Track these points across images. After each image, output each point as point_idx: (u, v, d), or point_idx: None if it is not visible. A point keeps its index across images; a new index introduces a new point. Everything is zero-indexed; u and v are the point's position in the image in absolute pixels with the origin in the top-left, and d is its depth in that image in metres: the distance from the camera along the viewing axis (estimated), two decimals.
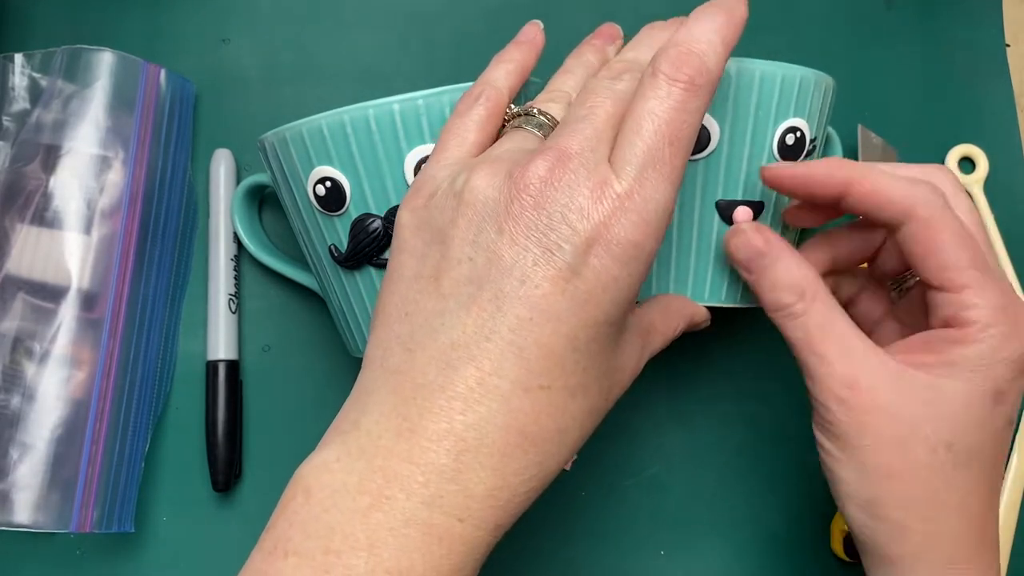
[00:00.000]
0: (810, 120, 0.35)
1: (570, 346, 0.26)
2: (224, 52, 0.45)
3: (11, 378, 0.37)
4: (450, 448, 0.25)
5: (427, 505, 0.24)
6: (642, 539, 0.42)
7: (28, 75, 0.41)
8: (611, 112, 0.27)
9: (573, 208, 0.25)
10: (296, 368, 0.43)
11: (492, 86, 0.31)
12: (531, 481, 0.26)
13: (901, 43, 0.47)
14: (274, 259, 0.42)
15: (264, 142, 0.36)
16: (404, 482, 0.25)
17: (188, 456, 0.42)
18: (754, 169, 0.35)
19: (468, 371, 0.25)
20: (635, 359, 0.30)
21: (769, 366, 0.44)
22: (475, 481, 0.25)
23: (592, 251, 0.25)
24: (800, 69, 0.35)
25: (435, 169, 0.29)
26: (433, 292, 0.27)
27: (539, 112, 0.30)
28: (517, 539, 0.42)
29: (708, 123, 0.33)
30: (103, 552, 0.41)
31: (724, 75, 0.33)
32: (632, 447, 0.43)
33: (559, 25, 0.46)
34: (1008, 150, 0.47)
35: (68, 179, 0.39)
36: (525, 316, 0.25)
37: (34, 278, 0.38)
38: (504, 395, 0.25)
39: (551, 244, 0.25)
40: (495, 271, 0.26)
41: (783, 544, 0.43)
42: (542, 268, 0.25)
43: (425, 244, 0.28)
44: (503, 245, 0.26)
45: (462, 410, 0.25)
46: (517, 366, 0.25)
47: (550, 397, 0.26)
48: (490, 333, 0.25)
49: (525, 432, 0.26)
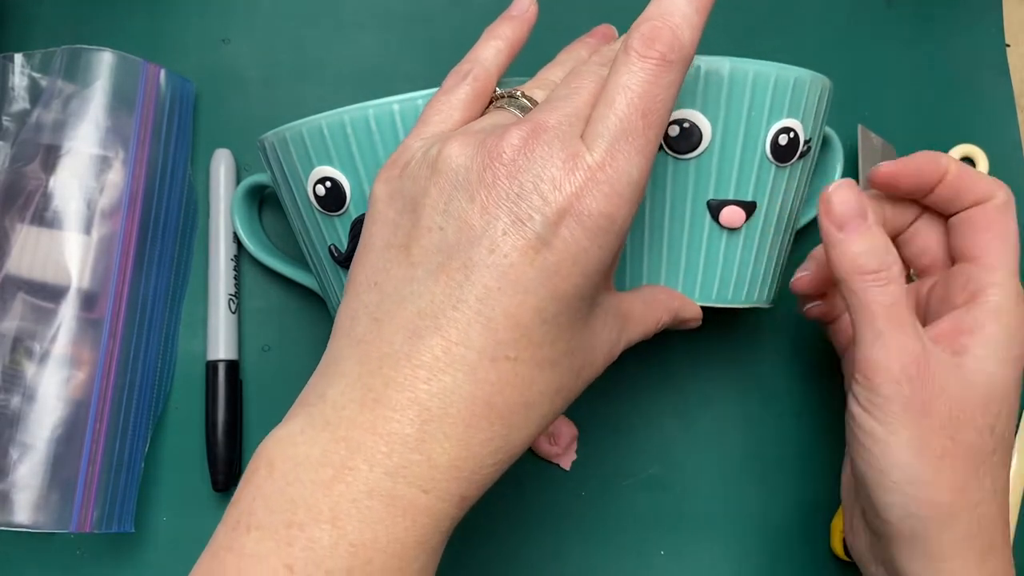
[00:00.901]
0: (804, 121, 0.35)
1: (538, 318, 0.26)
2: (224, 52, 0.45)
3: (11, 378, 0.37)
4: (414, 418, 0.25)
5: (390, 476, 0.24)
6: (642, 539, 0.42)
7: (28, 75, 0.41)
8: (594, 92, 0.27)
9: (545, 179, 0.25)
10: (296, 368, 0.43)
11: (481, 65, 0.31)
12: (497, 453, 0.26)
13: (901, 43, 0.47)
14: (274, 259, 0.42)
15: (264, 142, 0.36)
16: (367, 453, 0.24)
17: (188, 456, 0.42)
18: (747, 169, 0.34)
19: (434, 340, 0.25)
20: (609, 342, 0.30)
21: (770, 366, 0.44)
22: (439, 451, 0.25)
23: (563, 222, 0.25)
24: (795, 70, 0.34)
25: (414, 141, 0.29)
26: (403, 260, 0.27)
27: (523, 95, 0.30)
28: (517, 539, 0.42)
29: (700, 122, 0.33)
30: (103, 552, 0.41)
31: (716, 75, 0.33)
32: (632, 447, 0.43)
33: (559, 26, 0.46)
34: (1008, 150, 0.47)
35: (68, 179, 0.39)
36: (493, 286, 0.25)
37: (34, 278, 0.38)
38: (470, 365, 0.25)
39: (521, 214, 0.25)
40: (464, 239, 0.26)
41: (783, 544, 0.43)
42: (511, 237, 0.25)
43: (397, 213, 0.28)
44: (474, 213, 0.26)
45: (426, 379, 0.25)
46: (484, 336, 0.25)
47: (516, 369, 0.26)
48: (457, 302, 0.25)
49: (491, 403, 0.25)
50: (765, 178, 0.35)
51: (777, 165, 0.35)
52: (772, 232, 0.36)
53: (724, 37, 0.46)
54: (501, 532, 0.42)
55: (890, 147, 0.45)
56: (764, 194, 0.35)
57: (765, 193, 0.35)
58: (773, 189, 0.35)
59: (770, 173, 0.35)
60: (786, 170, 0.35)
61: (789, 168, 0.35)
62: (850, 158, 0.45)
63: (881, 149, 0.45)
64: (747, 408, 0.44)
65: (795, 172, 0.36)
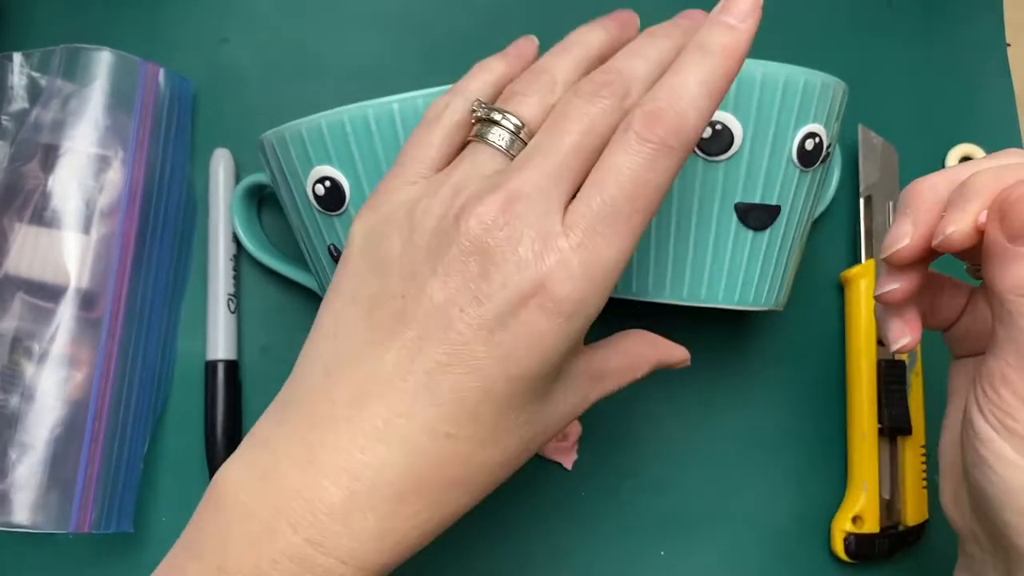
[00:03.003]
0: (827, 126, 0.35)
1: (486, 397, 0.25)
2: (223, 51, 0.45)
3: (10, 378, 0.37)
4: (344, 486, 0.25)
5: (311, 543, 0.25)
6: (642, 539, 0.42)
7: (27, 74, 0.41)
8: (577, 142, 0.26)
9: (512, 260, 0.25)
10: None
11: (463, 97, 0.30)
12: (423, 526, 0.26)
13: (901, 43, 0.47)
14: (273, 259, 0.42)
15: (263, 142, 0.36)
16: (292, 517, 0.25)
17: (187, 456, 0.42)
18: (773, 173, 0.34)
19: (378, 408, 0.25)
20: (571, 406, 0.29)
21: (770, 366, 0.44)
22: (362, 524, 0.25)
23: (525, 305, 0.25)
24: (820, 75, 0.34)
25: (394, 186, 0.28)
26: (364, 319, 0.27)
27: (506, 117, 0.28)
28: (517, 538, 0.42)
29: (732, 124, 0.33)
30: (102, 552, 0.41)
31: (749, 78, 0.33)
32: (632, 447, 0.43)
33: (559, 26, 0.46)
34: None
35: (67, 178, 0.39)
36: (444, 361, 0.25)
37: (33, 278, 0.38)
38: (409, 438, 0.25)
39: (481, 293, 0.25)
40: (423, 311, 0.25)
41: (783, 544, 0.43)
42: (468, 316, 0.25)
43: (368, 268, 0.27)
44: (435, 287, 0.25)
45: (363, 447, 0.25)
46: (426, 410, 0.25)
47: (456, 446, 0.26)
48: (407, 373, 0.25)
49: (423, 478, 0.25)
50: (790, 182, 0.35)
51: (801, 169, 0.35)
52: (792, 236, 0.36)
53: None
54: (501, 531, 0.42)
55: (890, 147, 0.45)
56: (788, 198, 0.35)
57: (789, 197, 0.35)
58: (796, 194, 0.35)
59: (794, 177, 0.35)
60: (808, 175, 0.35)
61: (811, 172, 0.35)
62: (850, 158, 0.45)
63: (881, 149, 0.45)
64: (748, 408, 0.44)
65: (816, 176, 0.36)
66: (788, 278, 0.38)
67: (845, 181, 0.45)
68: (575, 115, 0.27)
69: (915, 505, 0.42)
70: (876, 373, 0.43)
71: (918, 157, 0.46)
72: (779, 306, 0.38)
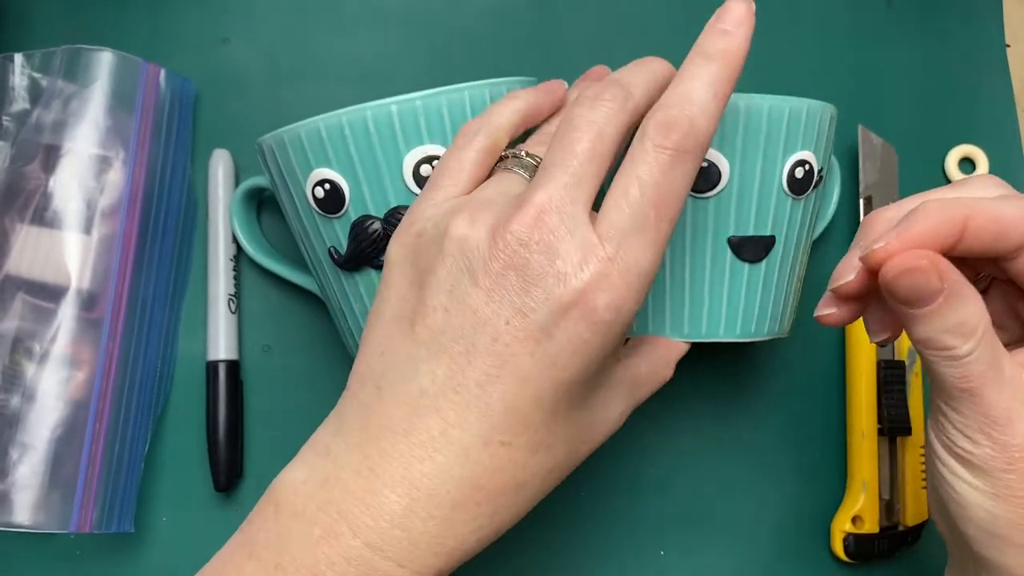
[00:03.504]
0: (817, 151, 0.35)
1: (535, 405, 0.26)
2: (224, 52, 0.45)
3: (11, 378, 0.37)
4: (403, 494, 0.26)
5: (370, 547, 0.25)
6: (642, 539, 0.42)
7: (28, 75, 0.41)
8: (589, 148, 0.27)
9: (551, 272, 0.26)
10: (296, 368, 0.43)
11: (492, 124, 0.31)
12: (479, 532, 0.27)
13: (901, 43, 0.47)
14: (274, 262, 0.42)
15: (262, 145, 0.36)
16: (353, 521, 0.26)
17: (188, 456, 0.42)
18: (765, 204, 0.34)
19: (432, 420, 0.26)
20: (616, 413, 0.30)
21: (772, 367, 0.44)
22: (421, 529, 0.26)
23: (567, 315, 0.26)
24: (805, 101, 0.34)
25: (426, 206, 0.29)
26: (409, 335, 0.27)
27: (527, 155, 0.30)
28: (516, 539, 0.42)
29: (718, 160, 0.33)
30: (103, 552, 0.41)
31: (732, 111, 0.33)
32: (632, 447, 0.43)
33: (561, 28, 0.46)
34: (1008, 150, 0.47)
35: (68, 179, 0.39)
36: (493, 373, 0.26)
37: (34, 278, 0.38)
38: (464, 447, 0.26)
39: (524, 306, 0.26)
40: (468, 324, 0.26)
41: (783, 544, 0.43)
42: (513, 328, 0.26)
43: (408, 285, 0.28)
44: (479, 300, 0.26)
45: (421, 458, 0.26)
46: (480, 421, 0.26)
47: (510, 453, 0.26)
48: (458, 386, 0.26)
49: (480, 485, 0.26)
50: (783, 212, 0.35)
51: (793, 198, 0.35)
52: (790, 264, 0.36)
53: None
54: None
55: (890, 147, 0.45)
56: (782, 228, 0.35)
57: (783, 227, 0.35)
58: (790, 222, 0.35)
59: (787, 206, 0.35)
60: (801, 202, 0.35)
61: (804, 200, 0.35)
62: (850, 158, 0.45)
63: (881, 149, 0.45)
64: (748, 409, 0.44)
65: (809, 203, 0.36)
66: (791, 303, 0.38)
67: (845, 181, 0.45)
68: (581, 123, 0.28)
69: (915, 505, 0.42)
70: (876, 373, 0.43)
71: (918, 158, 0.46)
72: (783, 333, 0.38)
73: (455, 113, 0.33)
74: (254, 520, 0.27)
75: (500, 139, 0.31)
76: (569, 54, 0.46)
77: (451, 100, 0.33)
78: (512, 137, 0.31)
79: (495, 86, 0.34)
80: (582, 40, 0.46)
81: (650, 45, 0.46)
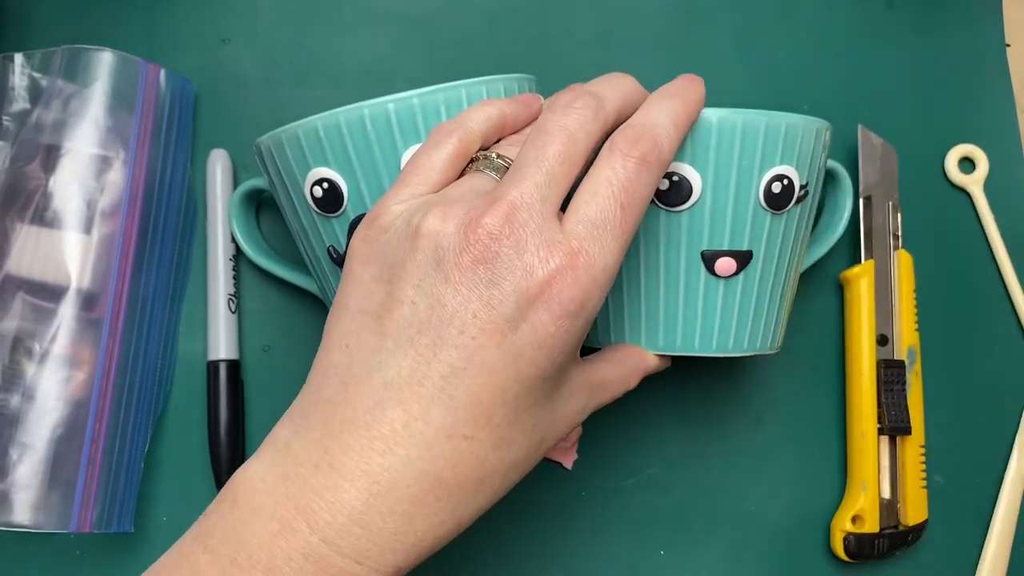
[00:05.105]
0: (799, 166, 0.35)
1: (500, 399, 0.27)
2: (224, 52, 0.45)
3: (11, 378, 0.37)
4: (363, 489, 0.26)
5: (327, 543, 0.25)
6: (642, 539, 0.42)
7: (28, 75, 0.41)
8: (560, 151, 0.28)
9: (519, 265, 0.26)
10: (296, 368, 0.43)
11: (466, 127, 0.31)
12: (439, 528, 0.27)
13: (901, 43, 0.47)
14: (273, 263, 0.42)
15: (260, 145, 0.36)
16: (311, 517, 0.25)
17: (188, 456, 0.42)
18: (740, 218, 0.34)
19: (396, 413, 0.26)
20: (574, 413, 0.31)
21: (771, 366, 0.44)
22: (380, 525, 0.26)
23: (532, 307, 0.26)
24: (786, 116, 0.34)
25: (393, 203, 0.29)
26: (374, 329, 0.27)
27: (497, 156, 0.30)
28: (517, 538, 0.42)
29: (689, 174, 0.33)
30: (103, 552, 0.41)
31: (705, 126, 0.33)
32: (632, 447, 0.43)
33: (559, 26, 0.46)
34: (1008, 150, 0.47)
35: (68, 179, 0.39)
36: (459, 365, 0.26)
37: (34, 278, 0.38)
38: (427, 441, 0.26)
39: (492, 298, 0.26)
40: (436, 318, 0.26)
41: (783, 544, 0.43)
42: (480, 320, 0.26)
43: (373, 278, 0.28)
44: (447, 294, 0.26)
45: (382, 451, 0.26)
46: (444, 413, 0.26)
47: (472, 447, 0.27)
48: (423, 378, 0.26)
49: (440, 479, 0.26)
50: (760, 226, 0.35)
51: (772, 213, 0.35)
52: (772, 279, 0.36)
53: (725, 38, 0.46)
54: (502, 531, 0.42)
55: (890, 147, 0.45)
56: (760, 242, 0.35)
57: (761, 241, 0.35)
58: (770, 237, 0.35)
59: (766, 221, 0.35)
60: (782, 217, 0.35)
61: (786, 215, 0.35)
62: (850, 158, 0.45)
63: (881, 149, 0.45)
64: (747, 408, 0.44)
65: (792, 218, 0.36)
66: (778, 320, 0.37)
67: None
68: (554, 128, 0.29)
69: (915, 505, 0.42)
70: (876, 373, 0.43)
71: (918, 158, 0.46)
72: (769, 349, 0.37)
73: (452, 111, 0.33)
74: (211, 514, 0.27)
75: (473, 143, 0.31)
76: (568, 54, 0.46)
77: (448, 98, 0.33)
78: (485, 144, 0.31)
79: (492, 83, 0.34)
80: (581, 40, 0.46)
81: (649, 45, 0.46)
